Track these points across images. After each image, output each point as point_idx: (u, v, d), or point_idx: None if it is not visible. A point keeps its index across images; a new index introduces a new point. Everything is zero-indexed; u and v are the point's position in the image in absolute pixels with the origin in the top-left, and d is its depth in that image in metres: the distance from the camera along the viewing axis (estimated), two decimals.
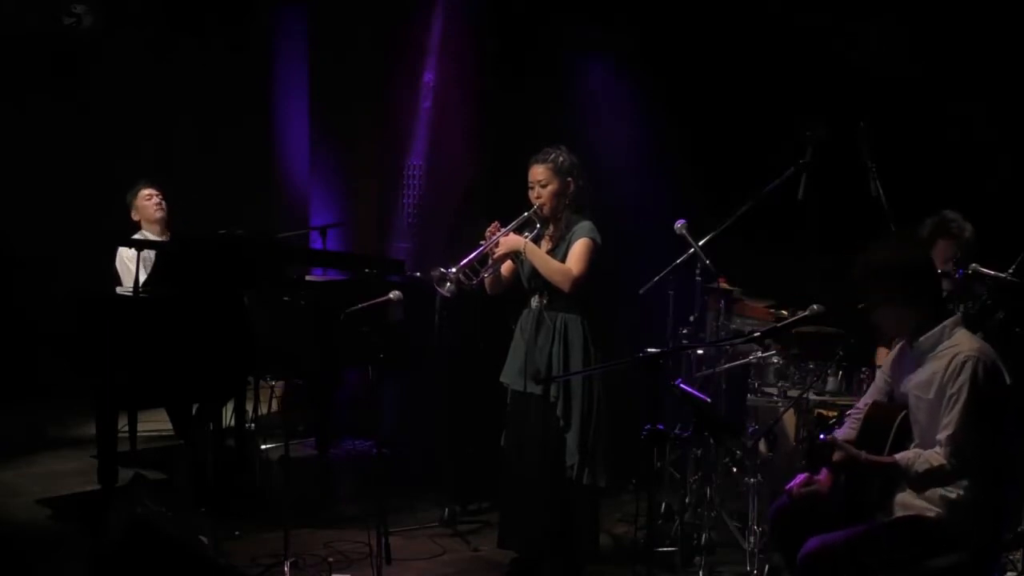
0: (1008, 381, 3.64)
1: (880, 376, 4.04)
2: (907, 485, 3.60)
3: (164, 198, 6.43)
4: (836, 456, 3.56)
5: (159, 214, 6.37)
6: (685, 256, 5.18)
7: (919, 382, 3.70)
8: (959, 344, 3.61)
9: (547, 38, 6.81)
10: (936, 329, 3.66)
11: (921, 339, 3.69)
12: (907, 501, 3.65)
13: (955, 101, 5.66)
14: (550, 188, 4.71)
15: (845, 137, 4.93)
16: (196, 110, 8.63)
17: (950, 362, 3.58)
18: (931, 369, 3.64)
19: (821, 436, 3.66)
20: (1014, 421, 3.69)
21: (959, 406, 3.52)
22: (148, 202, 6.38)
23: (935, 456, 3.52)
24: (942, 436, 3.53)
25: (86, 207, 7.95)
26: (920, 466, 3.53)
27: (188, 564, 4.31)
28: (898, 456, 3.59)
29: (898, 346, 3.88)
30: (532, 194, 4.75)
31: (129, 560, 4.27)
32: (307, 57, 8.56)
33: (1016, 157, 5.59)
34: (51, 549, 5.24)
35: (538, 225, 4.76)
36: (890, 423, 3.76)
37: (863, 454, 3.59)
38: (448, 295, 4.63)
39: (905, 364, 3.80)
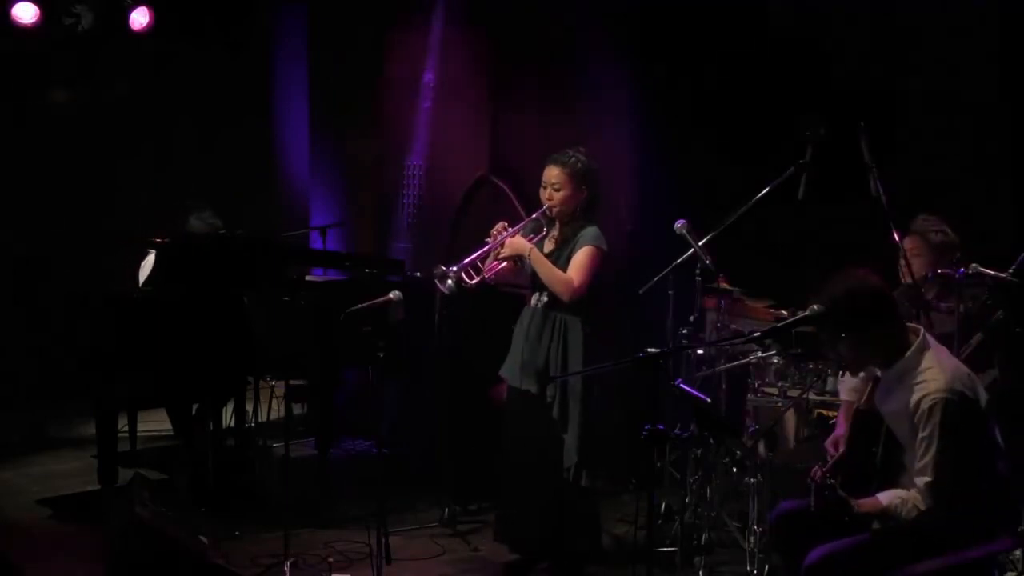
0: (983, 398, 3.62)
1: (850, 377, 4.06)
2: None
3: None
4: (831, 498, 3.59)
5: None
6: (685, 256, 5.18)
7: (892, 411, 3.70)
8: (927, 380, 3.56)
9: (547, 37, 6.81)
10: (902, 360, 3.63)
11: (888, 371, 3.68)
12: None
13: (956, 102, 5.67)
14: (563, 193, 4.67)
15: (845, 137, 4.93)
16: (196, 110, 8.63)
17: (919, 403, 3.54)
18: (902, 401, 3.62)
19: (817, 476, 3.66)
20: (998, 432, 3.69)
21: (933, 451, 3.51)
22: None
23: (920, 500, 3.54)
24: (921, 482, 3.55)
25: (86, 207, 7.96)
26: (909, 513, 3.56)
27: (188, 564, 4.31)
28: (885, 502, 3.60)
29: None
30: (544, 193, 4.71)
31: (129, 560, 4.27)
32: (307, 57, 8.57)
33: (1016, 157, 5.60)
34: (51, 549, 5.24)
35: (544, 228, 4.76)
36: (878, 431, 3.77)
37: (855, 502, 3.60)
38: (447, 292, 4.63)
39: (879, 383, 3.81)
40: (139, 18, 7.71)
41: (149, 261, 6.20)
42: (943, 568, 3.53)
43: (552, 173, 4.69)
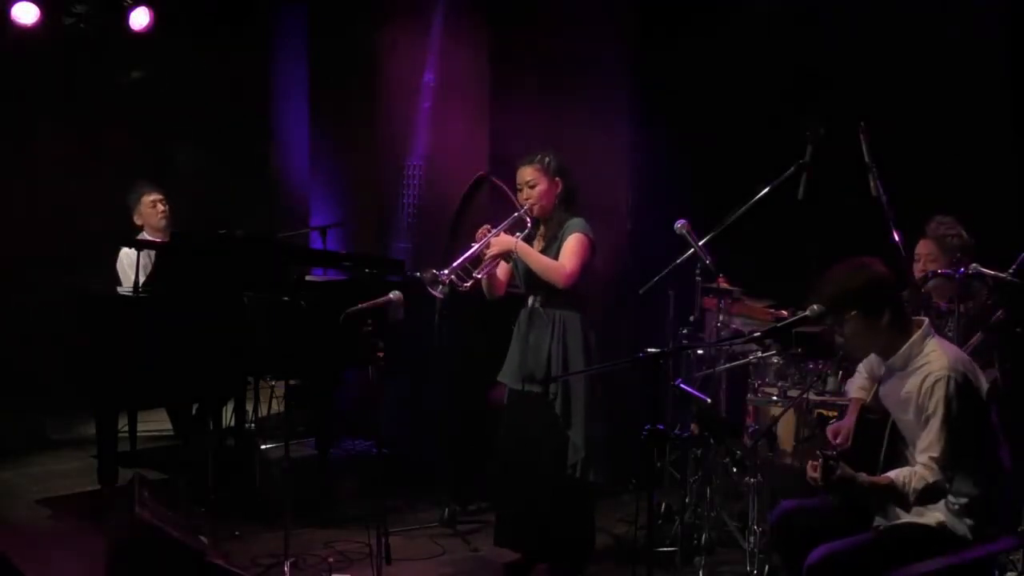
0: (984, 387, 3.66)
1: (859, 376, 4.07)
2: (904, 504, 3.62)
3: (167, 201, 6.40)
4: (836, 474, 3.58)
5: (163, 222, 6.32)
6: (685, 256, 5.18)
7: (896, 400, 3.73)
8: (930, 361, 3.63)
9: (548, 37, 6.81)
10: (905, 346, 3.68)
11: (892, 358, 3.72)
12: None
13: (957, 103, 5.67)
14: (539, 188, 4.74)
15: (845, 137, 4.93)
16: (196, 110, 8.63)
17: (922, 382, 3.60)
18: (906, 387, 3.67)
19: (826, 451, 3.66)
20: (1000, 423, 3.71)
21: (936, 427, 3.55)
22: (153, 210, 6.33)
23: (927, 473, 3.55)
24: (924, 458, 3.57)
25: (86, 207, 7.95)
26: (917, 483, 3.56)
27: (188, 564, 4.31)
28: (893, 476, 3.61)
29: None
30: (521, 196, 4.79)
31: (129, 560, 4.27)
32: (307, 57, 8.56)
33: (1017, 156, 5.60)
34: (51, 549, 5.24)
35: (529, 225, 4.77)
36: (883, 427, 3.79)
37: (861, 476, 3.61)
38: (441, 296, 4.65)
39: (882, 373, 3.83)
40: (139, 18, 7.71)
41: (124, 258, 6.18)
42: (943, 568, 3.53)
43: (525, 172, 4.78)
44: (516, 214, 4.78)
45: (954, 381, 3.56)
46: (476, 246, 4.70)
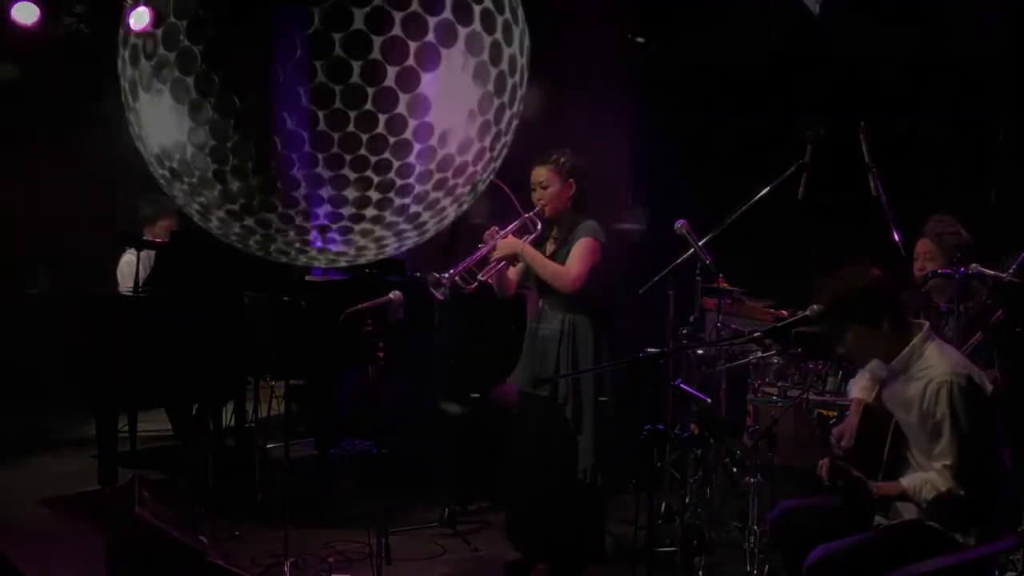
0: (988, 387, 3.67)
1: (861, 377, 4.07)
2: (917, 510, 3.63)
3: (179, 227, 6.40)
4: (847, 475, 3.60)
5: None
6: (685, 256, 5.18)
7: (898, 403, 3.74)
8: (931, 366, 3.63)
9: (547, 38, 6.81)
10: (906, 350, 3.69)
11: (893, 362, 3.72)
12: (910, 505, 3.67)
13: (958, 101, 5.68)
14: (551, 190, 4.71)
15: (845, 137, 4.93)
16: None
17: (925, 388, 3.61)
18: (908, 391, 3.68)
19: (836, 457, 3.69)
20: (1003, 423, 3.72)
21: (946, 435, 3.56)
22: (166, 234, 6.35)
23: (940, 481, 3.56)
24: (939, 465, 3.57)
25: (85, 206, 7.96)
26: (928, 493, 3.58)
27: (188, 564, 4.31)
28: (906, 485, 3.62)
29: None
30: (534, 196, 4.75)
31: (129, 560, 4.27)
32: (307, 57, 8.54)
33: (1017, 157, 5.60)
34: (51, 549, 5.24)
35: (539, 227, 4.75)
36: (886, 427, 3.79)
37: (873, 484, 3.64)
38: (442, 298, 4.63)
39: (884, 375, 3.84)
40: (139, 18, 7.69)
41: (124, 266, 6.18)
42: (943, 568, 3.53)
43: (539, 173, 4.74)
44: (524, 216, 4.75)
45: (957, 385, 3.56)
46: (482, 248, 4.68)
